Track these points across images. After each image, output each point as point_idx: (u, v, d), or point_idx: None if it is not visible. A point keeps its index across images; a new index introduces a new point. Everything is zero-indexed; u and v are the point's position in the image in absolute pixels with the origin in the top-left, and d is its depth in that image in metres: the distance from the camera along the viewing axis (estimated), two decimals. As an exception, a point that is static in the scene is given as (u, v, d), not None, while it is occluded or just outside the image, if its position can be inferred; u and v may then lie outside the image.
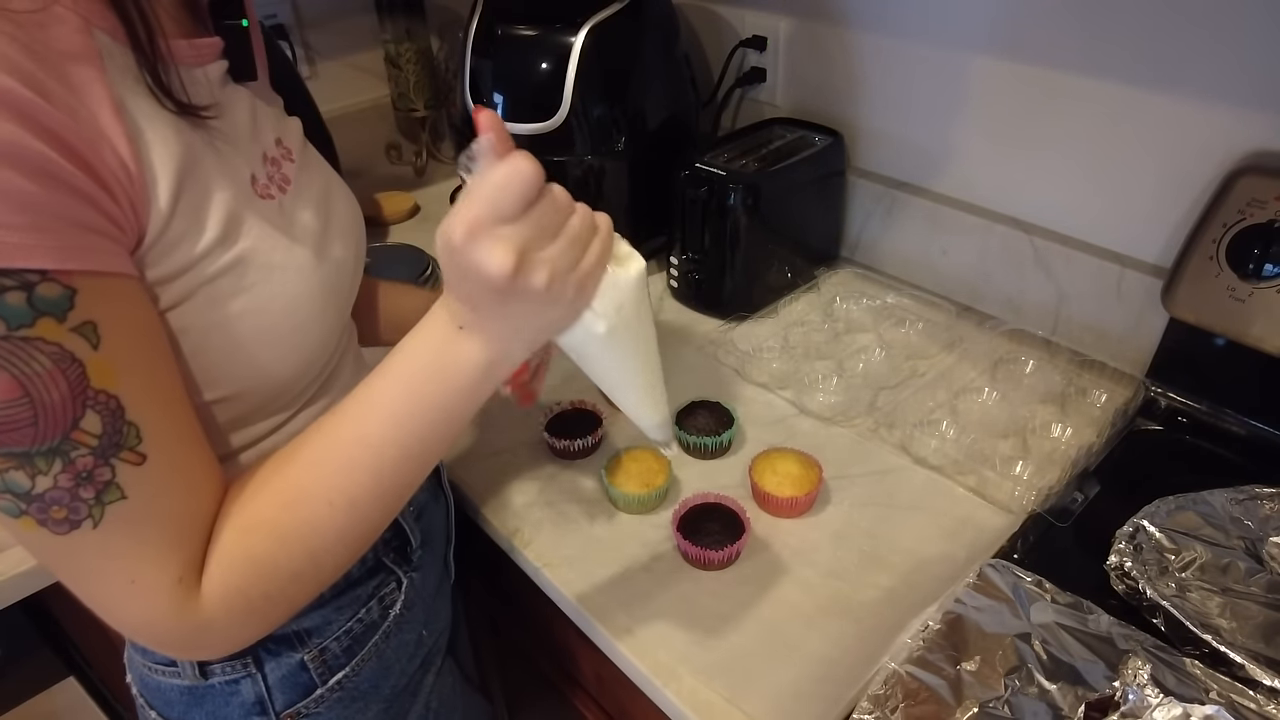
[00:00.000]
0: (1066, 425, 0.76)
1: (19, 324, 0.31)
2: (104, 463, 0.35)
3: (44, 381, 0.32)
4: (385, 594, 0.57)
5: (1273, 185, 0.67)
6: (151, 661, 0.53)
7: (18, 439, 0.33)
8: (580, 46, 0.86)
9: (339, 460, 0.41)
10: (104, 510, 0.36)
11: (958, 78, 0.87)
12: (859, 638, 0.59)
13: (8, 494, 0.34)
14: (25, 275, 0.31)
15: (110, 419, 0.35)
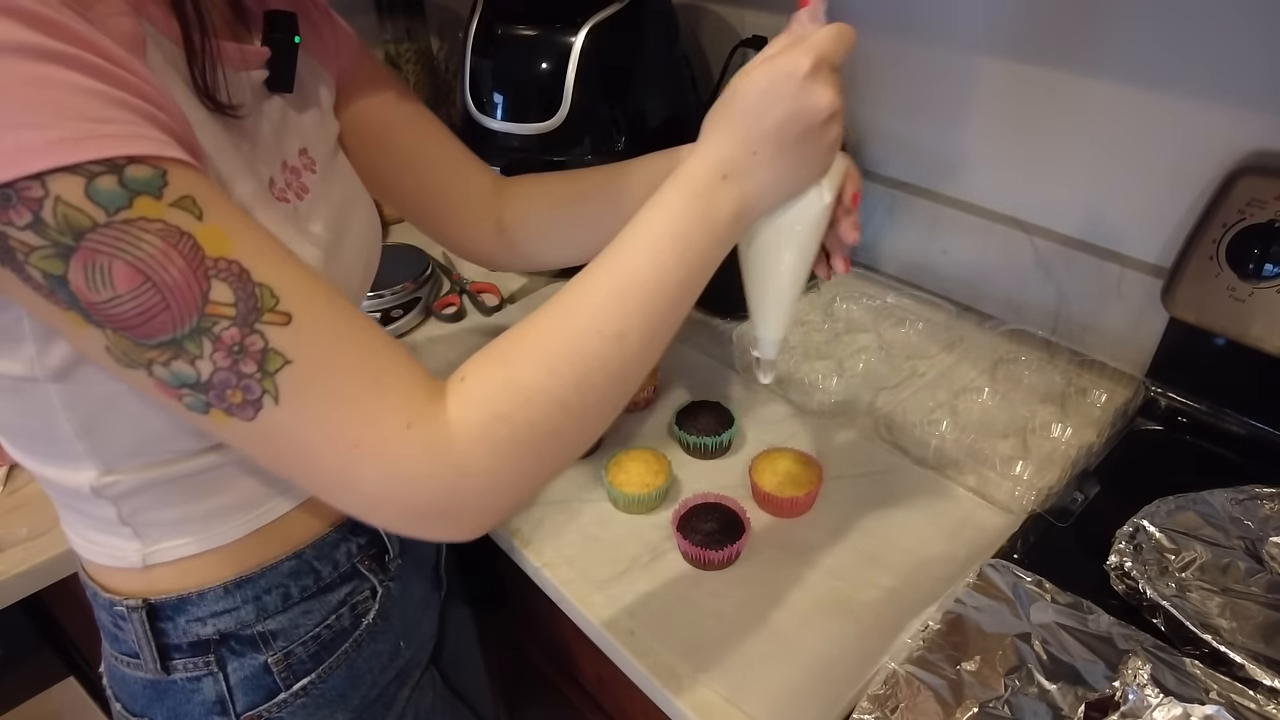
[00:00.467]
0: (1066, 425, 0.76)
1: (117, 207, 0.31)
2: (250, 330, 0.34)
3: (159, 262, 0.32)
4: (358, 601, 0.56)
5: (1273, 185, 0.67)
6: (118, 652, 0.52)
7: (159, 326, 0.33)
8: (580, 46, 0.86)
9: (607, 292, 0.41)
10: (275, 381, 0.34)
11: (958, 78, 0.87)
12: (859, 637, 0.59)
13: (185, 389, 0.34)
14: (112, 161, 0.31)
15: (239, 284, 0.34)
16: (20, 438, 0.45)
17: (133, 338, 0.33)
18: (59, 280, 0.32)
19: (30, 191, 0.30)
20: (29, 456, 0.46)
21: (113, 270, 0.31)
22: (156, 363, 0.34)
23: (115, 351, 0.34)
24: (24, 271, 0.32)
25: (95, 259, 0.31)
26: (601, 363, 0.40)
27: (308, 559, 0.53)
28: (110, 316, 0.32)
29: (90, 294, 0.32)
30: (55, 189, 0.30)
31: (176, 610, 0.50)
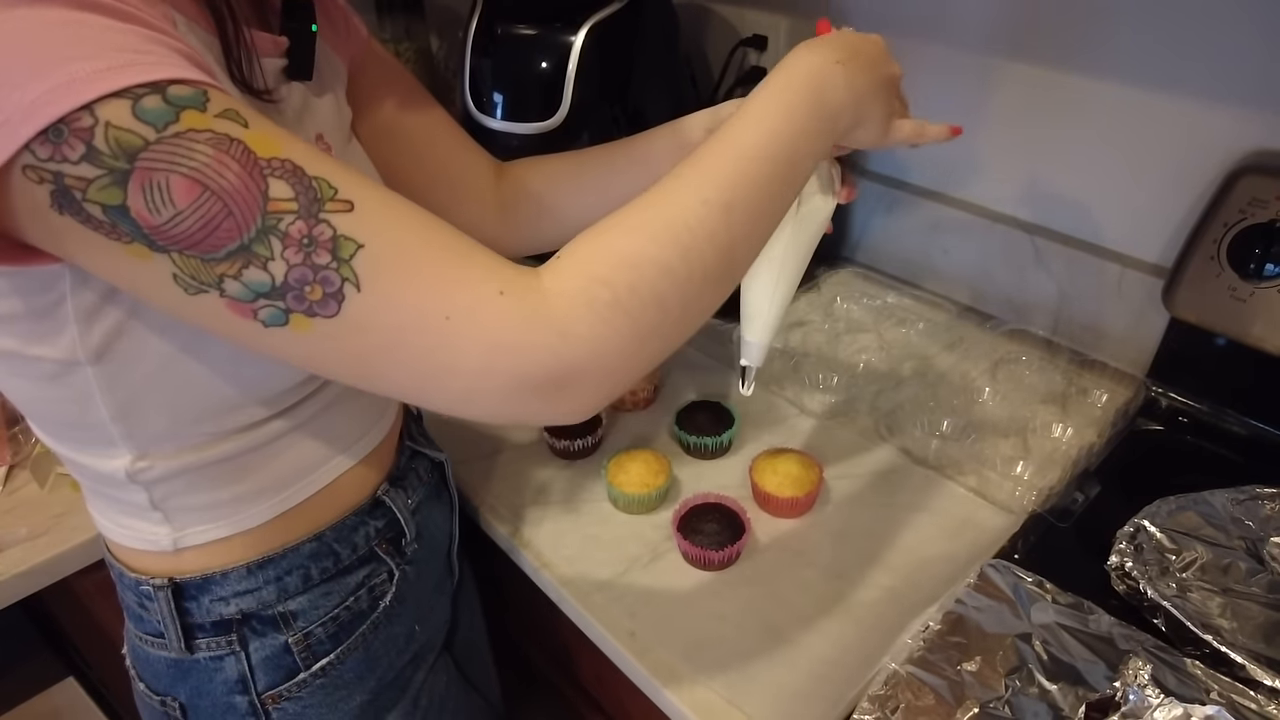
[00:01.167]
0: (1067, 425, 0.76)
1: (166, 123, 0.31)
2: (316, 220, 0.34)
3: (215, 169, 0.32)
4: (376, 584, 0.57)
5: (1273, 185, 0.67)
6: (143, 632, 0.53)
7: (224, 235, 0.32)
8: (580, 46, 0.85)
9: (715, 161, 0.41)
10: (353, 268, 0.34)
11: (958, 78, 0.87)
12: (859, 638, 0.59)
13: (261, 299, 0.34)
14: (154, 83, 0.31)
15: (295, 179, 0.34)
16: (54, 423, 0.46)
17: (200, 254, 0.33)
18: (119, 210, 0.32)
19: (80, 122, 0.30)
20: (62, 442, 0.47)
21: (171, 186, 0.31)
22: (228, 276, 0.33)
23: (183, 276, 0.33)
24: (84, 211, 0.32)
25: (152, 177, 0.31)
26: (708, 232, 0.39)
27: (328, 541, 0.54)
28: (174, 237, 0.32)
29: (152, 216, 0.32)
30: (104, 115, 0.30)
31: (201, 590, 0.51)
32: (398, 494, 0.58)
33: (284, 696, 0.54)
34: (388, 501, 0.57)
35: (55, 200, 0.31)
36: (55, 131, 0.30)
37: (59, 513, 0.73)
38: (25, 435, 0.79)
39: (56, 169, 0.31)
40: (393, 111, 0.63)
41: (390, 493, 0.58)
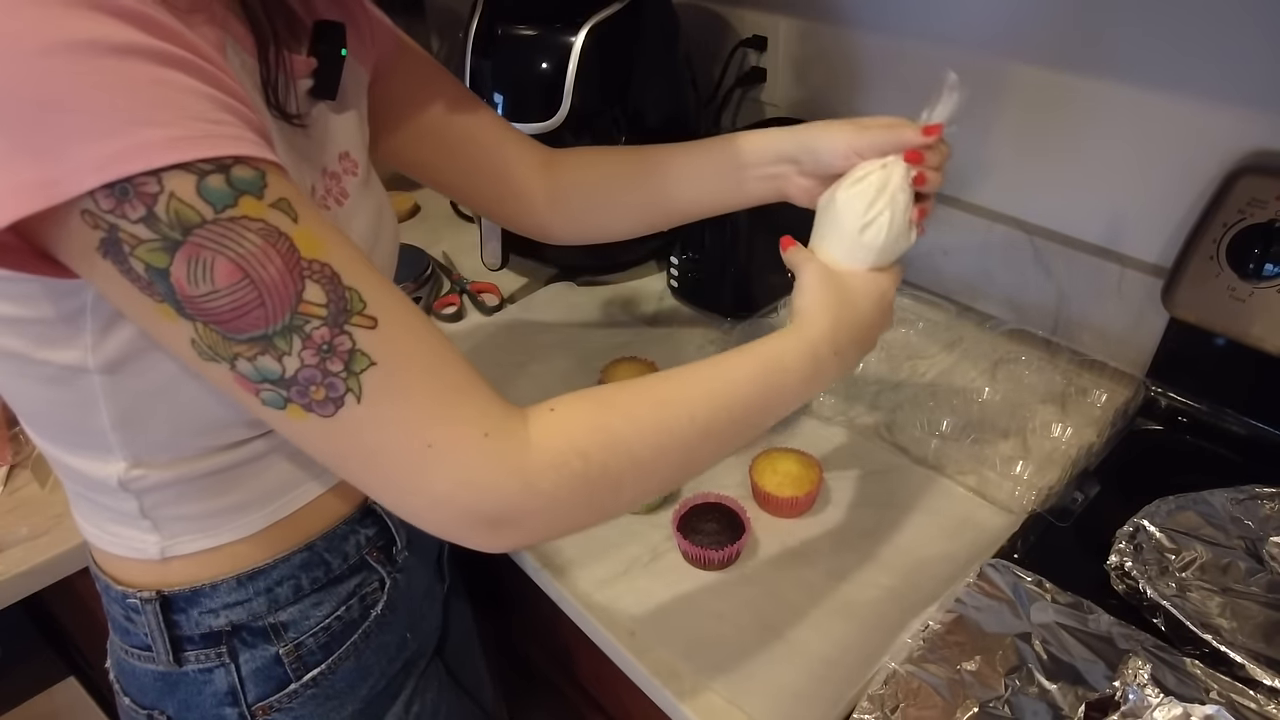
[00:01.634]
0: (1067, 425, 0.76)
1: (224, 205, 0.33)
2: (339, 330, 0.35)
3: (259, 259, 0.33)
4: (367, 593, 0.57)
5: (1273, 185, 0.67)
6: (129, 645, 0.52)
7: (251, 322, 0.34)
8: (580, 46, 0.85)
9: (711, 391, 0.46)
10: (359, 381, 0.36)
11: (958, 77, 0.87)
12: (859, 637, 0.59)
13: (266, 384, 0.35)
14: (220, 160, 0.33)
15: (330, 286, 0.35)
16: (50, 426, 0.45)
17: (223, 332, 0.34)
18: (161, 273, 0.33)
19: (146, 187, 0.31)
20: (56, 445, 0.46)
21: (215, 266, 0.33)
22: (242, 357, 0.35)
23: (201, 345, 0.34)
24: (126, 263, 0.33)
25: (200, 254, 0.32)
26: (682, 442, 0.44)
27: (318, 550, 0.53)
28: (204, 310, 0.33)
29: (189, 288, 0.33)
30: (169, 185, 0.32)
31: (189, 602, 0.50)
32: None
33: (274, 708, 0.53)
34: (378, 510, 0.57)
35: (103, 246, 0.32)
36: (121, 190, 0.31)
37: (60, 513, 0.73)
38: (25, 435, 0.79)
39: (114, 222, 0.32)
40: (430, 108, 0.63)
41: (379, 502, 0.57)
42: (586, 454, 0.41)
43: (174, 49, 0.32)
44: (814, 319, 0.52)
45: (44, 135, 0.30)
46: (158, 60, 0.32)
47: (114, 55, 0.30)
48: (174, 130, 0.31)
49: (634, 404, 0.44)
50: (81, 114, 0.30)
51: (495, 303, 1.00)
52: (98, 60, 0.30)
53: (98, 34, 0.30)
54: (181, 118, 0.32)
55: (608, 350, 0.89)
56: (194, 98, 0.32)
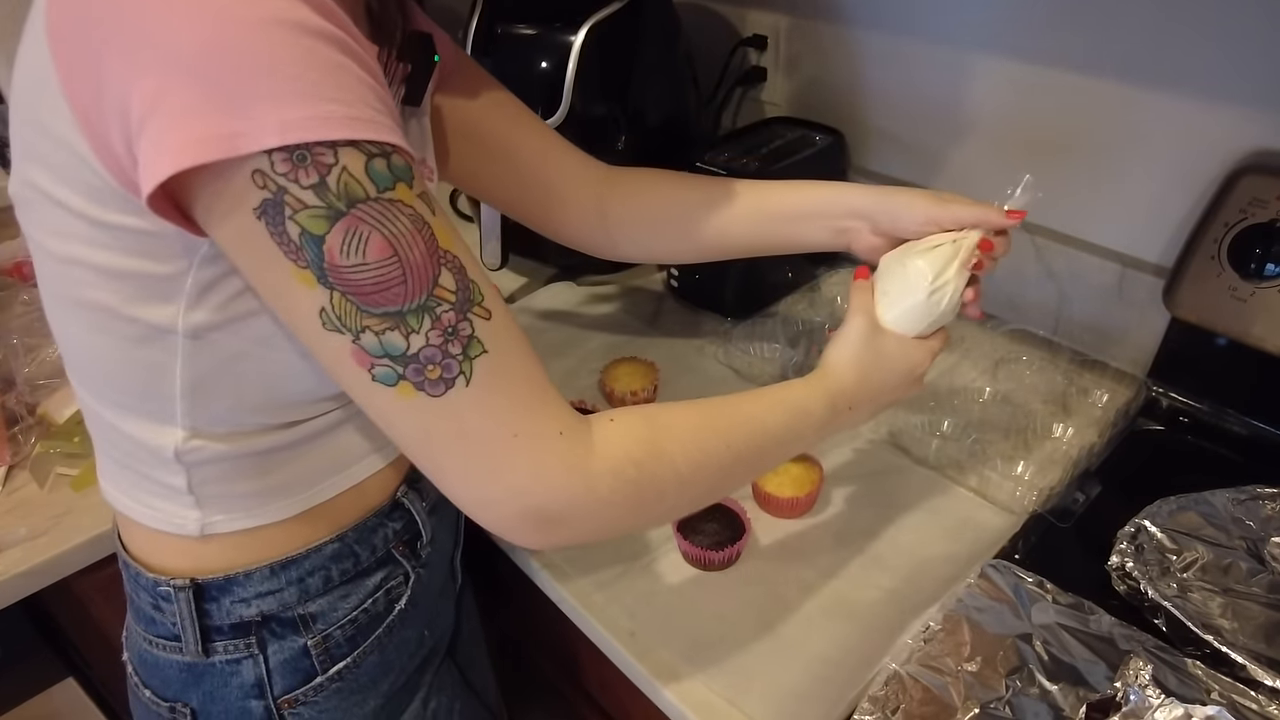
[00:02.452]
0: (1068, 425, 0.76)
1: (384, 187, 0.35)
2: (463, 317, 0.38)
3: (407, 240, 0.36)
4: (393, 586, 0.57)
5: (1274, 184, 0.67)
6: (154, 635, 0.52)
7: (391, 298, 0.36)
8: (580, 45, 0.85)
9: (744, 423, 0.50)
10: (472, 365, 0.38)
11: (958, 76, 0.87)
12: (860, 638, 0.59)
13: (386, 359, 0.37)
14: (384, 146, 0.35)
15: (459, 276, 0.38)
16: (116, 386, 0.45)
17: (360, 304, 0.36)
18: (316, 240, 0.34)
19: (324, 157, 0.34)
20: (115, 407, 0.46)
21: (369, 240, 0.35)
22: (371, 330, 0.36)
23: (330, 314, 0.36)
24: (281, 226, 0.34)
25: (358, 227, 0.35)
26: (719, 466, 0.49)
27: (349, 542, 0.54)
28: (348, 280, 0.35)
29: (340, 258, 0.35)
30: (344, 159, 0.34)
31: (222, 591, 0.50)
32: (415, 496, 0.58)
33: (300, 701, 0.53)
34: (406, 503, 0.57)
35: (263, 207, 0.34)
36: (299, 155, 0.33)
37: (59, 513, 0.73)
38: (25, 435, 0.79)
39: (284, 184, 0.33)
40: (482, 118, 0.64)
41: (409, 495, 0.58)
42: (640, 463, 0.44)
43: (350, 40, 0.35)
44: (841, 374, 0.55)
45: (235, 94, 0.32)
46: (341, 48, 0.34)
47: (310, 36, 0.33)
48: (352, 110, 0.34)
49: (680, 426, 0.48)
50: (277, 79, 0.32)
51: (495, 302, 1.00)
52: (299, 38, 0.33)
53: (300, 15, 0.33)
54: (357, 101, 0.34)
55: (608, 350, 0.89)
56: (365, 87, 0.35)
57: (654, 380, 0.82)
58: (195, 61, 0.32)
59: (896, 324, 0.57)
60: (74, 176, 0.37)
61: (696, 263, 0.72)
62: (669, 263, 0.74)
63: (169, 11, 0.32)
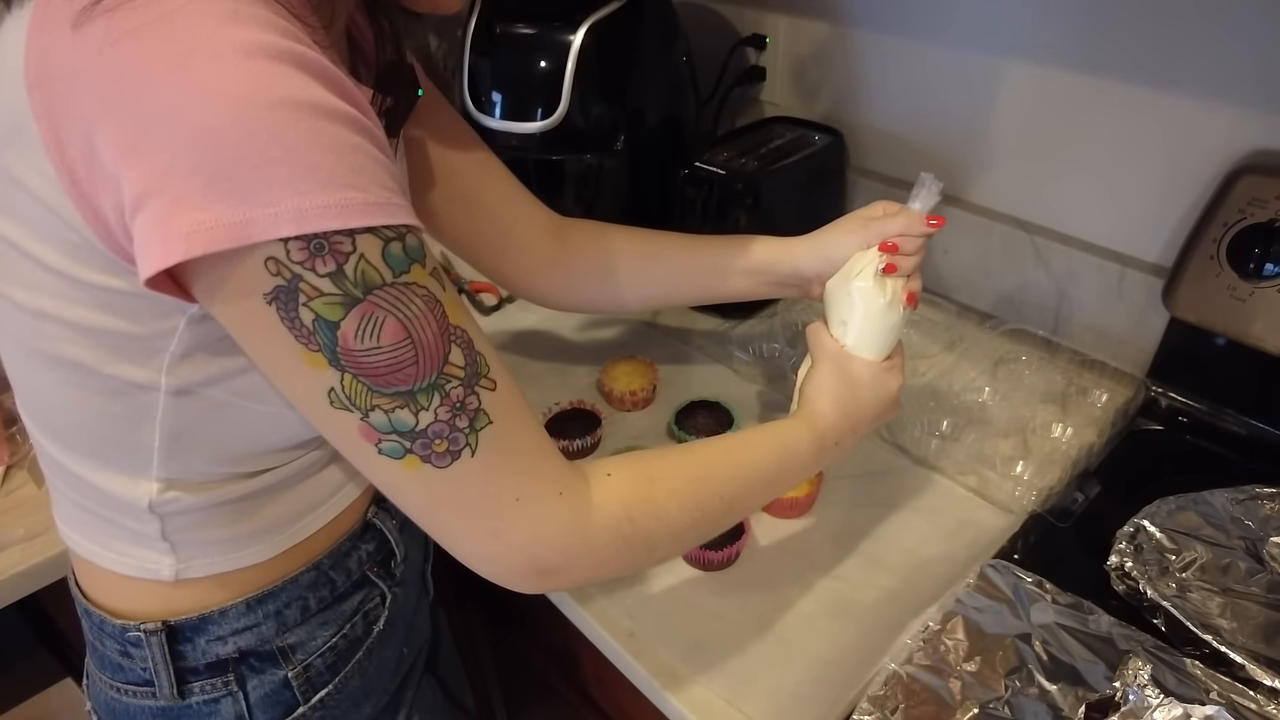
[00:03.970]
0: (1067, 425, 0.76)
1: (400, 271, 0.35)
2: (471, 391, 0.38)
3: (420, 322, 0.36)
4: (370, 609, 0.56)
5: (1273, 184, 0.67)
6: (122, 682, 0.50)
7: (403, 378, 0.36)
8: (579, 45, 0.85)
9: (738, 474, 0.51)
10: (478, 436, 0.39)
11: (958, 76, 0.87)
12: (859, 638, 0.59)
13: (394, 435, 0.37)
14: (399, 228, 0.35)
15: (468, 351, 0.38)
16: (90, 439, 0.44)
17: (371, 385, 0.36)
18: (330, 325, 0.34)
19: (341, 245, 0.33)
20: (87, 459, 0.45)
21: (384, 324, 0.35)
22: (380, 409, 0.36)
23: (339, 394, 0.36)
24: (294, 312, 0.34)
25: (374, 312, 0.34)
26: (710, 516, 0.50)
27: (324, 569, 0.52)
28: (361, 364, 0.35)
29: (354, 342, 0.34)
30: (361, 246, 0.34)
31: (197, 630, 0.49)
32: (384, 515, 0.57)
33: None
34: (377, 523, 0.57)
35: (276, 293, 0.33)
36: (317, 244, 0.33)
37: (57, 513, 0.73)
38: (23, 435, 0.79)
39: (299, 273, 0.33)
40: (443, 151, 0.63)
41: (379, 515, 0.57)
42: (635, 520, 0.45)
43: (362, 117, 0.34)
44: (822, 409, 0.57)
45: (247, 179, 0.31)
46: (353, 127, 0.33)
47: (325, 118, 0.32)
48: (369, 195, 0.33)
49: (676, 479, 0.48)
50: (293, 165, 0.31)
51: (494, 302, 1.00)
52: (314, 120, 0.32)
53: (314, 96, 0.32)
54: (373, 184, 0.34)
55: (607, 350, 0.89)
56: (378, 166, 0.34)
57: (653, 380, 0.82)
58: (206, 143, 0.31)
59: (861, 349, 0.58)
60: (50, 232, 0.35)
61: (634, 311, 0.73)
62: (613, 313, 0.76)
63: (178, 90, 0.30)
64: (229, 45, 0.31)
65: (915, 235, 0.59)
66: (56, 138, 0.33)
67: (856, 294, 0.58)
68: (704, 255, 0.68)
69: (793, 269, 0.64)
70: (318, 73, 0.33)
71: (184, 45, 0.30)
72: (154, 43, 0.31)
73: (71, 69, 0.32)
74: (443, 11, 0.48)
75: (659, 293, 0.71)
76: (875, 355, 0.59)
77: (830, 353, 0.58)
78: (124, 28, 0.31)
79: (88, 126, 0.32)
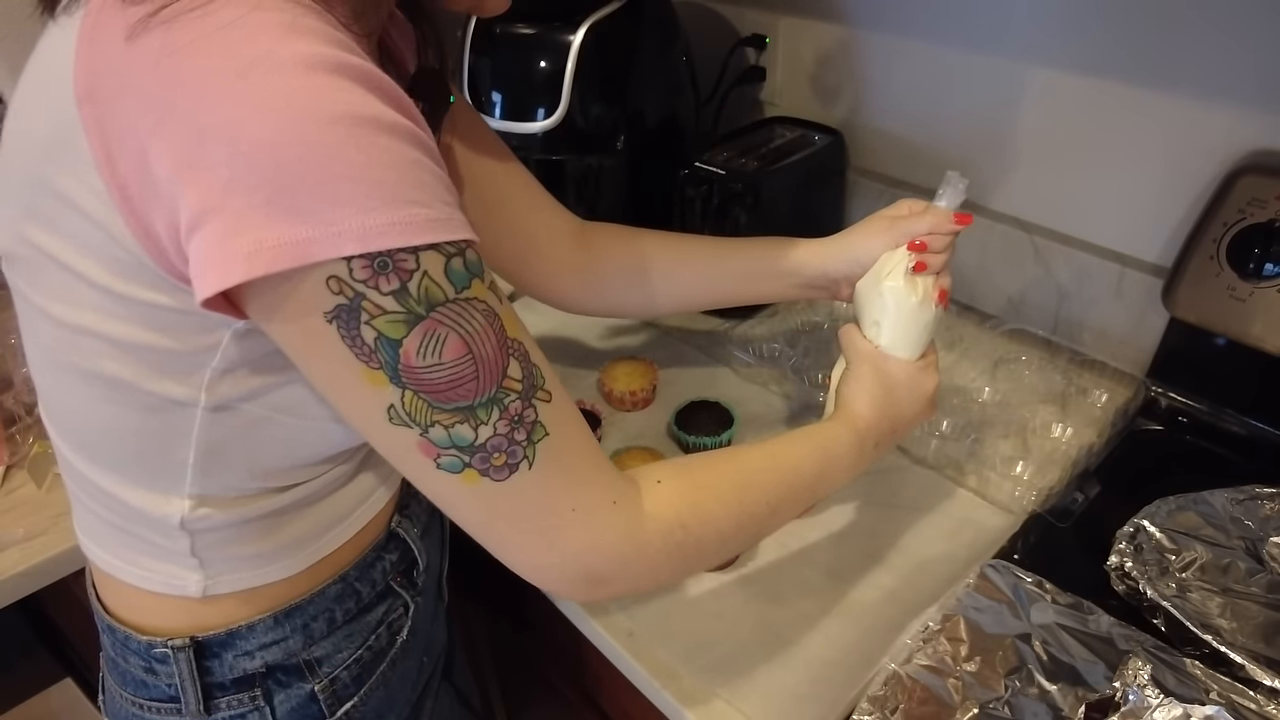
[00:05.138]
0: (1067, 425, 0.76)
1: (462, 286, 0.35)
2: (529, 404, 0.38)
3: (481, 337, 0.36)
4: (393, 619, 0.56)
5: (1273, 184, 0.67)
6: (146, 699, 0.49)
7: (463, 394, 0.36)
8: (579, 45, 0.85)
9: (781, 480, 0.51)
10: (535, 449, 0.38)
11: (957, 77, 0.87)
12: (859, 638, 0.59)
13: (453, 449, 0.37)
14: (460, 244, 0.35)
15: (525, 364, 0.38)
16: (124, 455, 0.43)
17: (432, 401, 0.35)
18: (392, 344, 0.34)
19: (406, 263, 0.33)
20: (117, 475, 0.44)
21: (446, 341, 0.34)
22: (440, 424, 0.36)
23: (399, 411, 0.35)
24: (355, 330, 0.33)
25: (436, 329, 0.34)
26: (755, 520, 0.50)
27: (350, 580, 0.52)
28: (422, 380, 0.35)
29: (416, 360, 0.34)
30: (425, 263, 0.33)
31: (224, 646, 0.48)
32: (407, 524, 0.57)
33: None
34: (401, 533, 0.56)
35: (337, 312, 0.33)
36: (381, 262, 0.32)
37: (57, 513, 0.73)
38: (23, 435, 0.79)
39: (362, 291, 0.32)
40: (476, 163, 0.63)
41: (402, 524, 0.57)
42: (687, 527, 0.45)
43: (419, 130, 0.34)
44: (861, 411, 0.56)
45: (310, 197, 0.30)
46: (412, 141, 0.33)
47: (386, 133, 0.32)
48: (432, 211, 0.33)
49: (724, 485, 0.49)
50: (356, 182, 0.31)
51: (494, 302, 1.00)
52: (375, 136, 0.31)
53: (374, 111, 0.31)
54: (435, 200, 0.33)
55: (608, 350, 0.89)
56: (437, 180, 0.34)
57: (653, 380, 0.82)
58: (265, 160, 0.30)
59: (895, 348, 0.58)
60: (96, 249, 0.35)
61: (662, 315, 0.73)
62: (636, 317, 0.75)
63: (238, 105, 0.30)
64: (288, 58, 0.30)
65: (943, 234, 0.58)
66: (108, 152, 0.32)
67: (888, 294, 0.58)
68: (733, 260, 0.68)
69: (821, 271, 0.64)
70: (375, 86, 0.32)
71: (243, 58, 0.30)
72: (212, 55, 0.30)
73: (125, 82, 0.31)
74: (488, 13, 0.47)
75: (685, 296, 0.70)
76: (910, 355, 0.58)
77: (866, 354, 0.58)
78: (181, 39, 0.30)
79: (142, 141, 0.31)
